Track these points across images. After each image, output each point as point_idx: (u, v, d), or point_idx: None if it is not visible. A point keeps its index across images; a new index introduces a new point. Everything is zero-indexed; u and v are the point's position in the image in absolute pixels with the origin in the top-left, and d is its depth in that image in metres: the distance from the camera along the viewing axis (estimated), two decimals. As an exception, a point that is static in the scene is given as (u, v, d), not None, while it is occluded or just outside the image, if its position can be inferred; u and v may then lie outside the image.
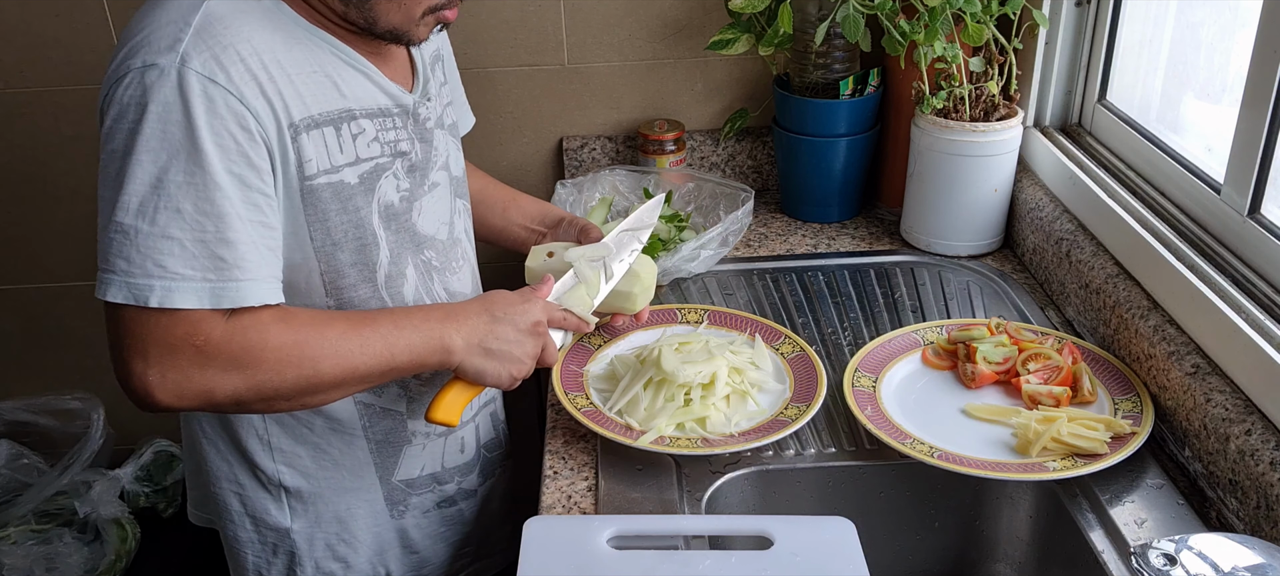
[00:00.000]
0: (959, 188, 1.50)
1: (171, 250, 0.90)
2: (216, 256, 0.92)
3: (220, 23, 0.94)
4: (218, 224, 0.91)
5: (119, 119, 0.91)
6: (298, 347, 0.97)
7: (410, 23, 1.02)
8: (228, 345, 0.94)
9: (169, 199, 0.90)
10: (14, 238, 1.95)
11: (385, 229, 1.08)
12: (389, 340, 1.01)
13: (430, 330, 1.04)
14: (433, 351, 1.04)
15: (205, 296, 0.92)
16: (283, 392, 0.98)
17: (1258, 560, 0.81)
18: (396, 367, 1.03)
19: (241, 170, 0.93)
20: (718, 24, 1.71)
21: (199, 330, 0.93)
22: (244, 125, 0.93)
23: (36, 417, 2.10)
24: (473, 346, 1.06)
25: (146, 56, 0.91)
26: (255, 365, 0.95)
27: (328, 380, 0.99)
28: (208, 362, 0.93)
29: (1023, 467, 1.06)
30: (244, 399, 0.97)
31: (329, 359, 0.98)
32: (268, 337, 0.96)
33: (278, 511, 1.17)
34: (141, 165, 0.90)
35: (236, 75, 0.93)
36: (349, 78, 1.03)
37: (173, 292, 0.91)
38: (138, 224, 0.90)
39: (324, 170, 1.01)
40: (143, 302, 0.90)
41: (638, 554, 0.97)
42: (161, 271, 0.90)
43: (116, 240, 0.90)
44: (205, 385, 0.94)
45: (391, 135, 1.08)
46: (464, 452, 1.27)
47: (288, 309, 1.00)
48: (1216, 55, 1.31)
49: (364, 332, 1.00)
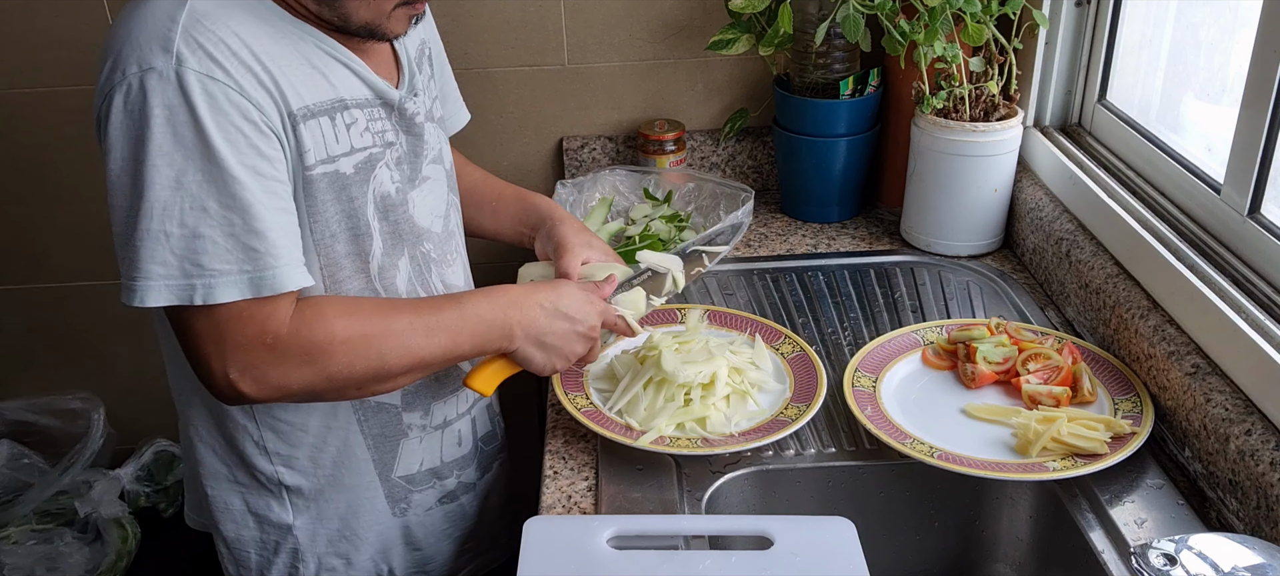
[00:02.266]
0: (959, 188, 1.50)
1: (205, 248, 0.92)
2: (248, 248, 0.94)
3: (208, 18, 0.94)
4: (244, 216, 0.93)
5: (125, 128, 0.91)
6: (365, 340, 1.00)
7: (381, 17, 1.02)
8: (296, 340, 0.97)
9: (192, 199, 0.91)
10: (16, 238, 1.95)
11: (380, 220, 1.09)
12: (453, 329, 1.05)
13: (495, 318, 1.07)
14: (496, 338, 1.08)
15: (245, 287, 0.94)
16: (353, 382, 1.02)
17: (1258, 560, 0.81)
18: (459, 354, 1.07)
19: (253, 161, 0.94)
20: (718, 24, 1.71)
21: (267, 327, 0.96)
22: (248, 117, 0.93)
23: (38, 417, 2.10)
24: (530, 337, 1.09)
25: (141, 61, 0.91)
26: (325, 358, 0.99)
27: (395, 369, 1.03)
28: (281, 358, 0.97)
29: (1023, 467, 1.06)
30: (318, 390, 1.01)
31: (395, 350, 1.02)
32: (334, 331, 0.99)
33: (280, 509, 1.18)
34: (158, 170, 0.91)
35: (233, 69, 0.93)
36: (335, 69, 1.04)
37: (214, 288, 0.93)
38: (166, 227, 0.91)
39: (321, 160, 1.01)
40: (186, 302, 0.93)
41: (638, 554, 0.97)
42: (199, 270, 0.92)
43: (146, 247, 0.92)
44: (282, 379, 0.98)
45: (379, 126, 1.08)
46: (461, 445, 1.27)
47: (353, 300, 1.04)
48: (1216, 55, 1.31)
49: (429, 322, 1.04)
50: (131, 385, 2.12)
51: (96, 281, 2.00)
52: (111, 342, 2.07)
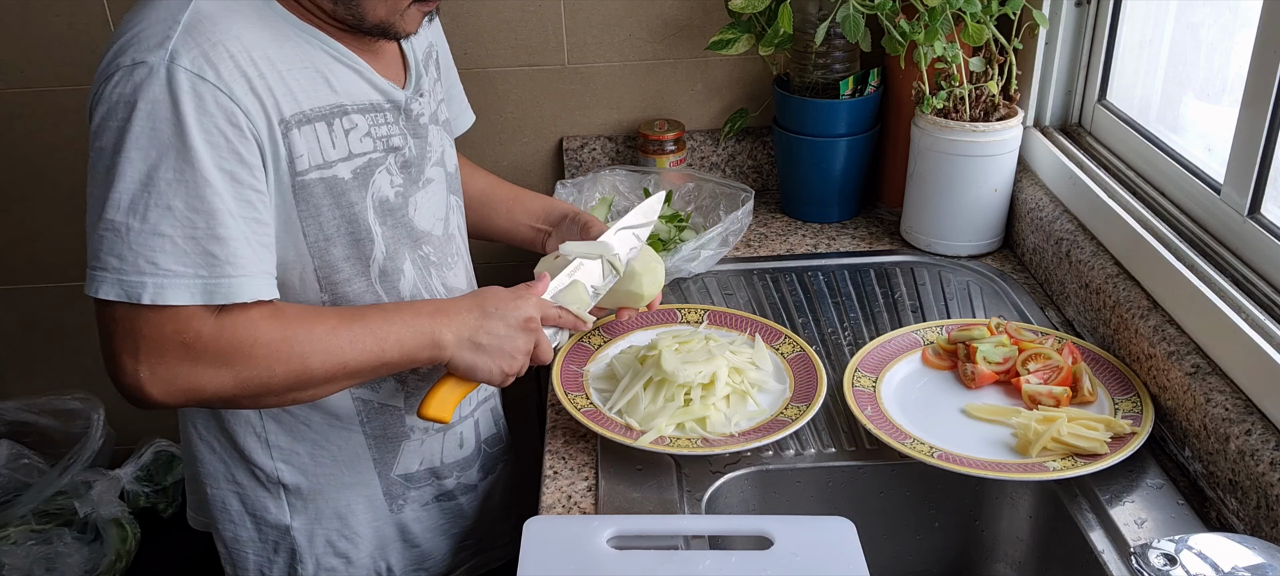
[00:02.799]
0: (959, 188, 1.50)
1: (163, 247, 0.91)
2: (208, 253, 0.92)
3: (209, 21, 0.94)
4: (209, 220, 0.92)
5: (108, 116, 0.91)
6: (287, 344, 0.97)
7: (396, 15, 1.02)
8: (217, 342, 0.94)
9: (159, 196, 0.90)
10: (14, 237, 1.95)
11: (381, 224, 1.09)
12: (379, 335, 1.01)
13: (420, 325, 1.04)
14: (423, 346, 1.04)
15: (197, 292, 0.92)
16: (272, 388, 0.98)
17: (1258, 560, 0.81)
18: (387, 363, 1.03)
19: (232, 166, 0.93)
20: (718, 24, 1.71)
21: (189, 327, 0.93)
22: (234, 121, 0.93)
23: (37, 417, 2.10)
24: (463, 341, 1.06)
25: (135, 54, 0.91)
26: (244, 361, 0.95)
27: (317, 376, 0.99)
28: (197, 359, 0.94)
29: (1023, 467, 1.06)
30: (233, 395, 0.97)
31: (318, 355, 0.98)
32: (257, 334, 0.96)
33: (277, 509, 1.18)
34: (131, 162, 0.90)
35: (226, 72, 0.93)
36: (340, 74, 1.04)
37: (165, 289, 0.91)
38: (128, 221, 0.90)
39: (316, 165, 1.01)
40: (135, 299, 0.91)
41: (638, 554, 0.97)
42: (154, 269, 0.91)
43: (107, 237, 0.91)
44: (194, 381, 0.95)
45: (383, 130, 1.08)
46: (463, 447, 1.27)
47: (278, 304, 1.00)
48: (1216, 55, 1.31)
49: (354, 328, 1.01)
50: (131, 385, 2.11)
51: (96, 281, 2.00)
52: (111, 342, 2.07)
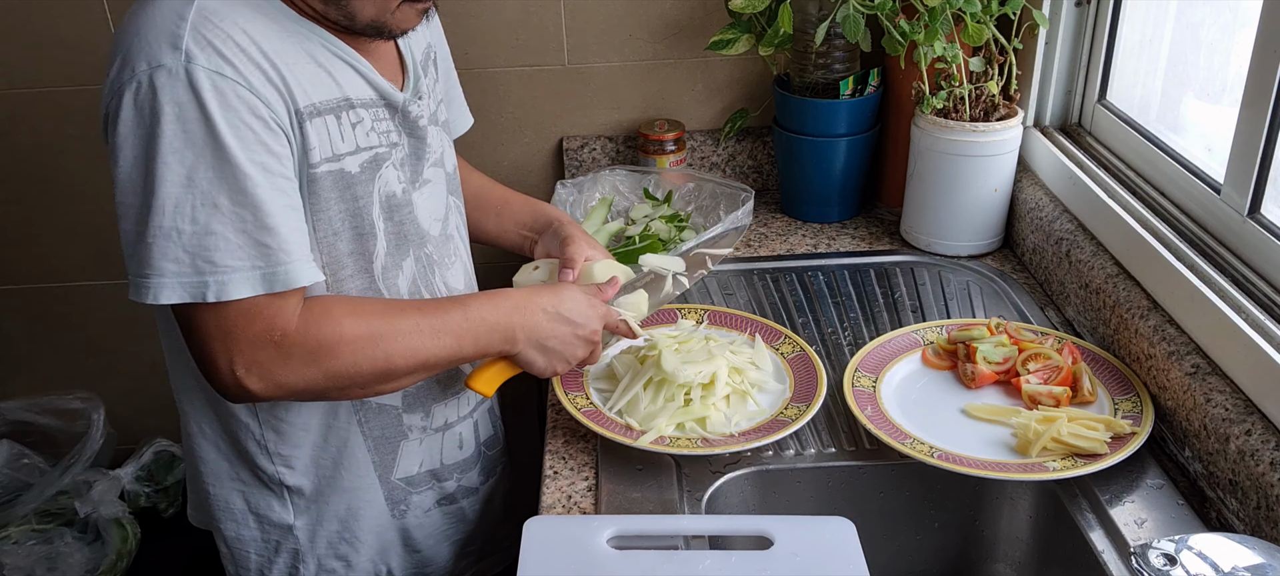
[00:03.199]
0: (959, 188, 1.50)
1: (217, 245, 0.92)
2: (260, 244, 0.94)
3: (216, 16, 0.94)
4: (256, 212, 0.93)
5: (135, 126, 0.91)
6: (371, 342, 1.00)
7: (386, 14, 1.02)
8: (303, 338, 0.98)
9: (204, 196, 0.92)
10: (16, 237, 1.95)
11: (385, 220, 1.09)
12: (458, 332, 1.05)
13: (498, 321, 1.08)
14: (497, 342, 1.08)
15: (258, 282, 0.94)
16: (358, 381, 1.02)
17: (1258, 560, 0.81)
18: (463, 356, 1.07)
19: (263, 158, 0.94)
20: (718, 24, 1.72)
21: (275, 325, 0.96)
22: (257, 113, 0.94)
23: (38, 417, 2.10)
24: (532, 340, 1.10)
25: (150, 59, 0.91)
26: (331, 358, 0.99)
27: (400, 370, 1.03)
28: (288, 356, 0.98)
29: (1023, 467, 1.06)
30: (323, 388, 1.01)
31: (401, 351, 1.02)
32: (342, 331, 0.99)
33: (281, 508, 1.18)
34: (169, 167, 0.91)
35: (242, 65, 0.93)
36: (341, 69, 1.04)
37: (227, 285, 0.93)
38: (178, 225, 0.92)
39: (326, 158, 1.01)
40: (199, 298, 0.93)
41: (638, 554, 0.97)
42: (212, 267, 0.93)
43: (159, 244, 0.92)
44: (287, 377, 0.98)
45: (383, 126, 1.08)
46: (463, 449, 1.27)
47: (357, 299, 1.05)
48: (1216, 55, 1.31)
49: (435, 323, 1.04)
50: (131, 385, 2.12)
51: (97, 281, 2.00)
52: (111, 342, 2.07)
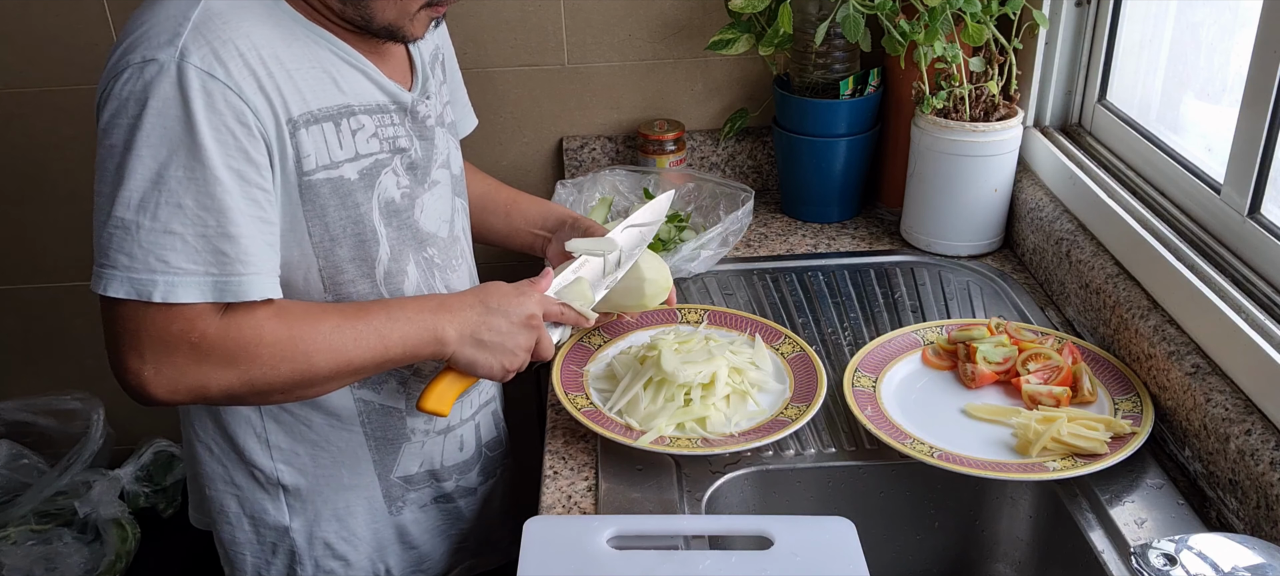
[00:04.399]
0: (959, 188, 1.50)
1: (174, 245, 0.91)
2: (219, 251, 0.92)
3: (219, 18, 0.94)
4: (219, 218, 0.92)
5: (118, 114, 0.91)
6: (292, 342, 0.97)
7: (405, 18, 1.02)
8: (223, 341, 0.94)
9: (170, 194, 0.90)
10: (14, 238, 1.95)
11: (386, 225, 1.09)
12: (382, 332, 1.02)
13: (423, 321, 1.04)
14: (426, 342, 1.05)
15: (208, 290, 0.92)
16: (276, 386, 0.99)
17: (1258, 560, 0.81)
18: (390, 359, 1.03)
19: (240, 165, 0.93)
20: (718, 24, 1.71)
21: (195, 326, 0.93)
22: (242, 120, 0.93)
23: (36, 418, 2.10)
24: (465, 337, 1.06)
25: (146, 51, 0.91)
26: (250, 360, 0.96)
27: (321, 373, 1.00)
28: (203, 358, 0.94)
29: (1023, 467, 1.06)
30: (238, 393, 0.98)
31: (322, 352, 0.99)
32: (262, 333, 0.96)
33: (276, 510, 1.17)
34: (142, 160, 0.90)
35: (235, 70, 0.93)
36: (347, 75, 1.03)
37: (176, 287, 0.91)
38: (139, 219, 0.90)
39: (323, 165, 1.01)
40: (146, 297, 0.91)
41: (638, 554, 0.97)
42: (164, 266, 0.91)
43: (117, 235, 0.91)
44: (200, 380, 0.95)
45: (390, 132, 1.08)
46: (463, 450, 1.27)
47: (282, 302, 1.00)
48: (1216, 55, 1.31)
49: (357, 325, 1.01)
50: (131, 385, 2.11)
51: (96, 281, 2.00)
52: (111, 343, 2.07)
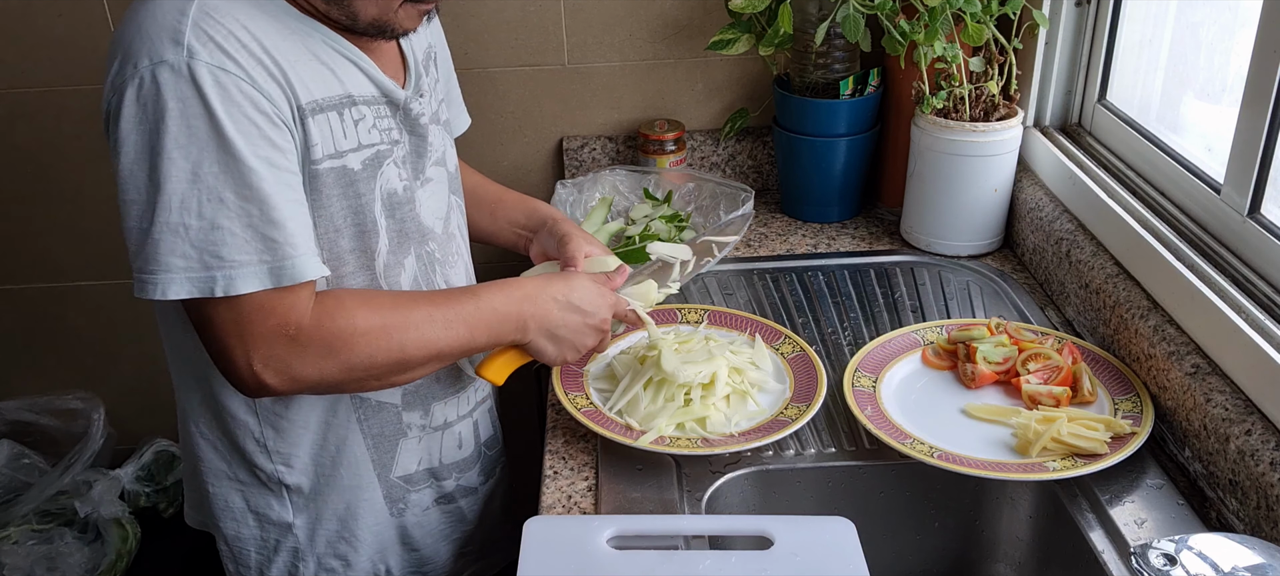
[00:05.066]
0: (959, 188, 1.50)
1: (224, 239, 0.93)
2: (267, 238, 0.94)
3: (216, 12, 0.94)
4: (262, 206, 0.93)
5: (138, 122, 0.91)
6: (385, 333, 1.01)
7: (389, 13, 1.02)
8: (318, 332, 0.98)
9: (209, 191, 0.92)
10: (16, 237, 1.95)
11: (386, 217, 1.09)
12: (470, 321, 1.06)
13: (510, 310, 1.09)
14: (510, 331, 1.09)
15: (265, 276, 0.94)
16: (374, 373, 1.02)
17: (1258, 560, 0.81)
18: (475, 346, 1.08)
19: (267, 152, 0.94)
20: (718, 24, 1.71)
21: (289, 319, 0.97)
22: (261, 108, 0.94)
23: (37, 417, 2.10)
24: (542, 328, 1.11)
25: (153, 55, 0.91)
26: (347, 349, 0.99)
27: (414, 360, 1.04)
28: (304, 350, 0.98)
29: (1023, 467, 1.06)
30: (339, 381, 1.02)
31: (415, 341, 1.03)
32: (356, 322, 1.00)
33: (280, 507, 1.18)
34: (174, 163, 0.91)
35: (244, 61, 0.93)
36: (343, 66, 1.04)
37: (235, 280, 0.93)
38: (184, 220, 0.92)
39: (329, 154, 1.01)
40: (207, 293, 0.93)
41: (638, 554, 0.97)
42: (219, 262, 0.93)
43: (166, 240, 0.92)
44: (303, 370, 0.99)
45: (385, 124, 1.08)
46: (462, 448, 1.27)
47: (369, 292, 1.05)
48: (1216, 55, 1.31)
49: (447, 313, 1.05)
50: (131, 385, 2.12)
51: (96, 281, 2.00)
52: (111, 343, 2.07)
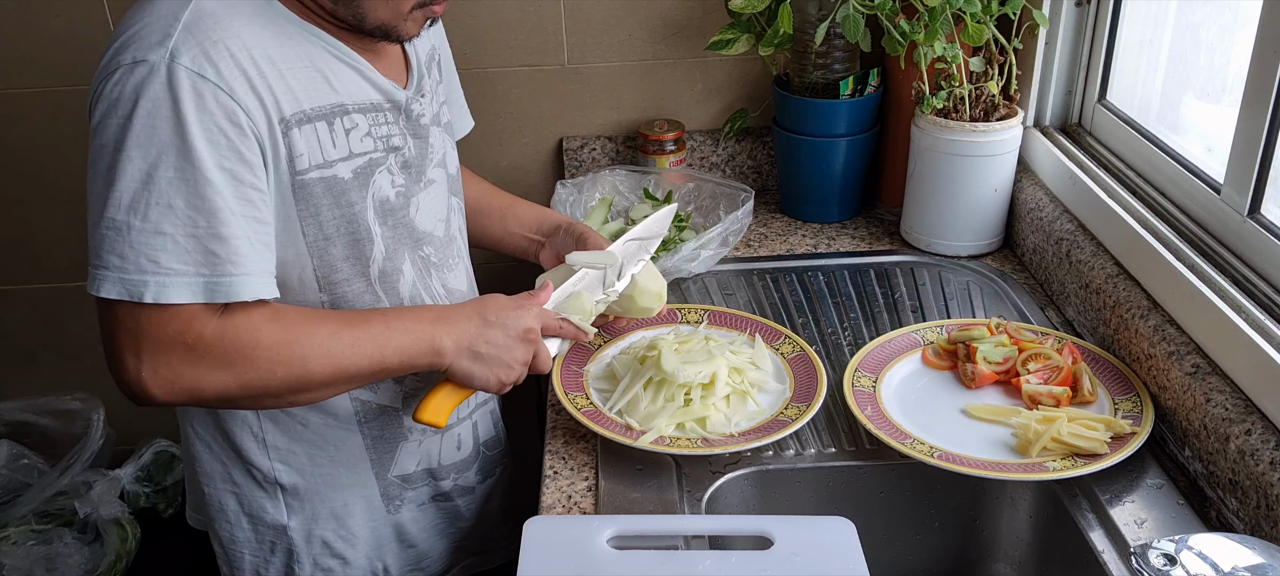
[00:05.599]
0: (959, 188, 1.50)
1: (164, 246, 0.91)
2: (210, 251, 0.92)
3: (210, 18, 0.94)
4: (210, 219, 0.92)
5: (108, 114, 0.91)
6: (288, 347, 0.97)
7: (398, 18, 1.02)
8: (219, 343, 0.94)
9: (160, 195, 0.90)
10: (14, 238, 1.95)
11: (380, 224, 1.08)
12: (380, 341, 1.02)
13: (421, 331, 1.04)
14: (423, 353, 1.04)
15: (199, 290, 0.92)
16: (271, 390, 0.98)
17: (1258, 560, 0.81)
18: (386, 368, 1.03)
19: (233, 165, 0.93)
20: (718, 24, 1.71)
21: (191, 327, 0.93)
22: (234, 120, 0.93)
23: (37, 418, 2.10)
24: (463, 349, 1.06)
25: (136, 52, 0.91)
26: (246, 363, 0.96)
27: (317, 379, 1.00)
28: (199, 360, 0.94)
29: (1023, 467, 1.06)
30: (232, 395, 0.98)
31: (319, 358, 0.99)
32: (259, 336, 0.96)
33: (274, 509, 1.18)
34: (132, 161, 0.90)
35: (226, 70, 0.93)
36: (341, 73, 1.03)
37: (167, 288, 0.91)
38: (129, 220, 0.90)
39: (316, 165, 1.01)
40: (137, 298, 0.91)
41: (638, 554, 0.97)
42: (155, 267, 0.91)
43: (108, 236, 0.91)
44: (195, 382, 0.95)
45: (384, 130, 1.08)
46: (461, 449, 1.27)
47: (279, 306, 1.00)
48: (1216, 55, 1.31)
49: (355, 332, 1.01)
50: (131, 385, 2.11)
51: (96, 281, 2.00)
52: (111, 343, 2.07)
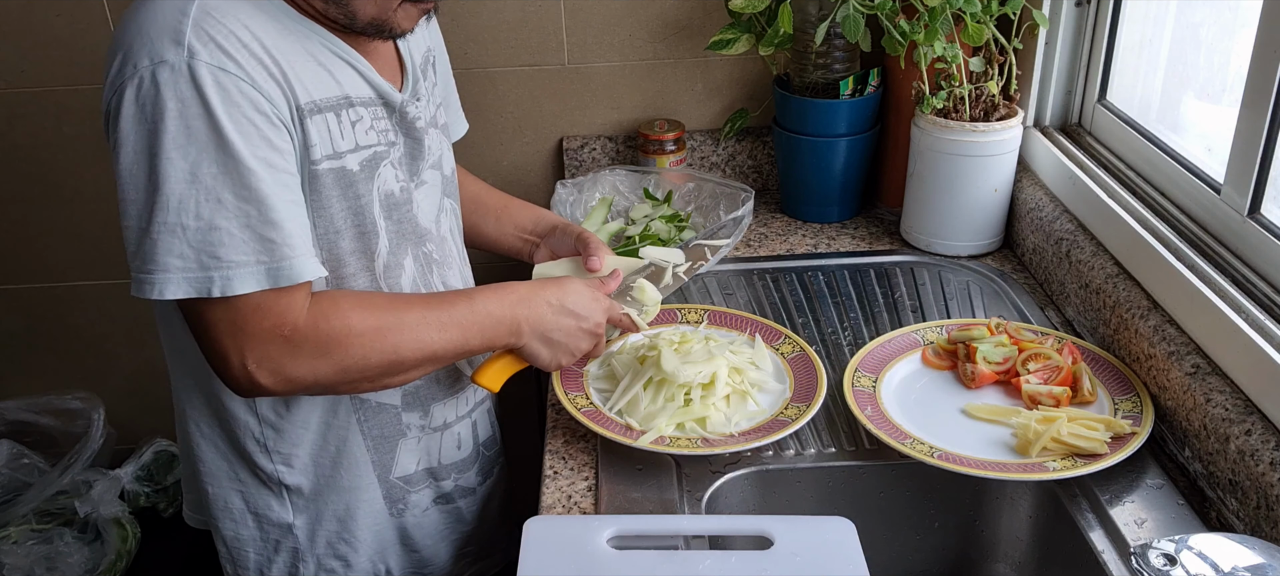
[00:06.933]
0: (959, 188, 1.50)
1: (222, 240, 0.93)
2: (265, 238, 0.94)
3: (217, 12, 0.94)
4: (260, 207, 0.93)
5: (137, 122, 0.91)
6: (380, 333, 1.01)
7: (387, 13, 1.02)
8: (314, 332, 0.98)
9: (207, 192, 0.92)
10: (15, 237, 1.95)
11: (385, 218, 1.09)
12: (464, 324, 1.06)
13: (504, 313, 1.09)
14: (503, 334, 1.10)
15: (263, 277, 0.94)
16: (367, 374, 1.03)
17: (1258, 560, 0.81)
18: (469, 348, 1.08)
19: (266, 153, 0.94)
20: (718, 24, 1.72)
21: (285, 320, 0.97)
22: (260, 109, 0.94)
23: (37, 417, 2.10)
24: (536, 332, 1.11)
25: (153, 55, 0.91)
26: (341, 351, 1.00)
27: (408, 362, 1.04)
28: (298, 350, 0.98)
29: (1023, 467, 1.06)
30: (333, 382, 1.02)
31: (409, 343, 1.03)
32: (350, 323, 1.00)
33: (280, 508, 1.18)
34: (173, 163, 0.91)
35: (245, 61, 0.94)
36: (340, 68, 1.04)
37: (232, 280, 0.93)
38: (182, 220, 0.92)
39: (327, 155, 1.01)
40: (204, 294, 0.93)
41: (638, 554, 0.97)
42: (217, 262, 0.93)
43: (164, 240, 0.92)
44: (296, 371, 0.99)
45: (382, 125, 1.08)
46: (461, 448, 1.27)
47: (363, 293, 1.05)
48: (1216, 55, 1.31)
49: (442, 316, 1.05)
50: (131, 385, 2.12)
51: (96, 281, 2.00)
52: (111, 342, 2.07)
